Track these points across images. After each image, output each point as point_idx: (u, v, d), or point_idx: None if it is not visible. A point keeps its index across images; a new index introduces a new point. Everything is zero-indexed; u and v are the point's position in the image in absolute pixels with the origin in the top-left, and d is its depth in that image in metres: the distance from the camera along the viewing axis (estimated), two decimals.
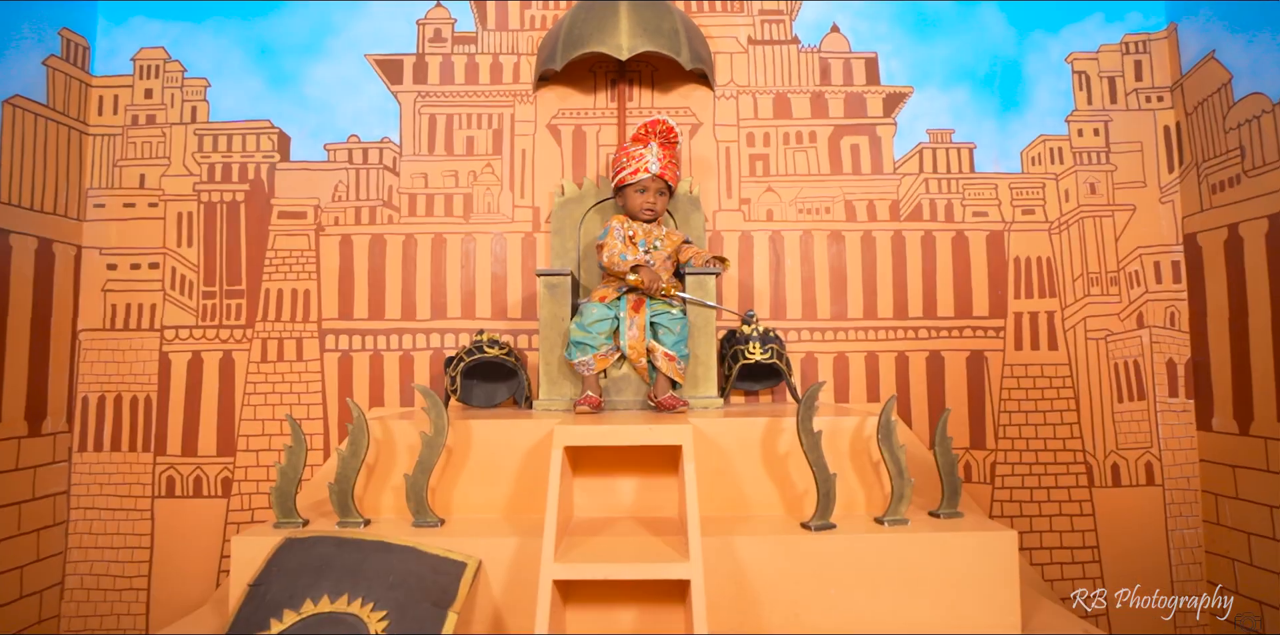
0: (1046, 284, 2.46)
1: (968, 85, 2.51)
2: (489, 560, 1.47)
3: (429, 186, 2.48)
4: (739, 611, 1.45)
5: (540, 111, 2.50)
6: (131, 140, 2.50)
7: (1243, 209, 2.20)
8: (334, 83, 2.51)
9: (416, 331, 2.44)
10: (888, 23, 2.53)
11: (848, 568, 1.48)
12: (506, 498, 1.69)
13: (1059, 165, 2.48)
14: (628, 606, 1.46)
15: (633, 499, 1.68)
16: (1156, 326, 2.44)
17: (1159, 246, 2.46)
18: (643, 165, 2.02)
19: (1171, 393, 2.42)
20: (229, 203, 2.48)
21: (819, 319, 2.44)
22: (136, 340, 2.45)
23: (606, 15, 2.26)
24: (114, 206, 2.48)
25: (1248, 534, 2.19)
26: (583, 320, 1.93)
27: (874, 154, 2.49)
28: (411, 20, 2.54)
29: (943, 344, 2.44)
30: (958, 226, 2.47)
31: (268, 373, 2.44)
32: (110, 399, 2.43)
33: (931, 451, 1.68)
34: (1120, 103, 2.50)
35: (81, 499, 2.40)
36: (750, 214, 2.47)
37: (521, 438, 1.71)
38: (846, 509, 1.67)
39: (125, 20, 2.53)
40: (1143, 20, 2.53)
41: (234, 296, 2.46)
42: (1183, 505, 2.39)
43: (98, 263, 2.46)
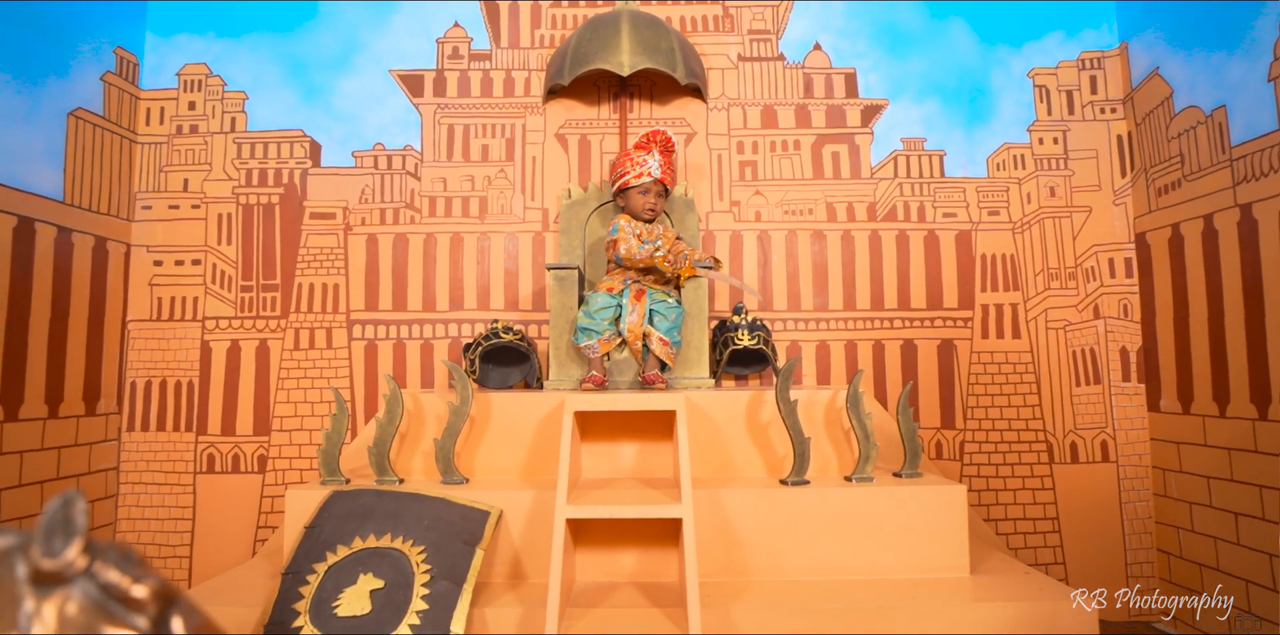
0: (1010, 279, 2.70)
1: (938, 98, 2.75)
2: (509, 510, 1.70)
3: (448, 190, 2.72)
4: (724, 555, 1.68)
5: (549, 122, 2.74)
6: (176, 148, 2.74)
7: (1183, 210, 2.44)
8: (361, 95, 2.76)
9: (436, 322, 2.68)
10: (866, 41, 2.78)
11: (819, 517, 1.71)
12: (522, 461, 1.92)
13: (1021, 171, 2.73)
14: (629, 550, 1.69)
15: (633, 463, 1.91)
16: (1111, 317, 2.67)
17: (1112, 244, 2.69)
18: (646, 170, 2.26)
19: (1124, 377, 2.65)
20: (265, 205, 2.73)
21: (803, 310, 2.68)
22: (180, 330, 2.69)
23: (609, 35, 2.51)
24: (160, 208, 2.72)
25: (1190, 503, 2.42)
26: (589, 308, 2.17)
27: (853, 160, 2.73)
28: (432, 39, 2.79)
29: (916, 333, 2.68)
30: (929, 226, 2.71)
31: (300, 359, 2.67)
32: (156, 383, 2.66)
33: (896, 421, 1.91)
34: (1077, 114, 2.74)
35: (130, 475, 2.63)
36: (740, 215, 2.71)
37: (535, 409, 1.95)
38: (820, 470, 1.90)
39: (171, 39, 2.78)
40: (1097, 38, 2.78)
41: (269, 290, 2.70)
42: (1135, 480, 2.62)
43: (145, 259, 2.70)
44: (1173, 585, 2.50)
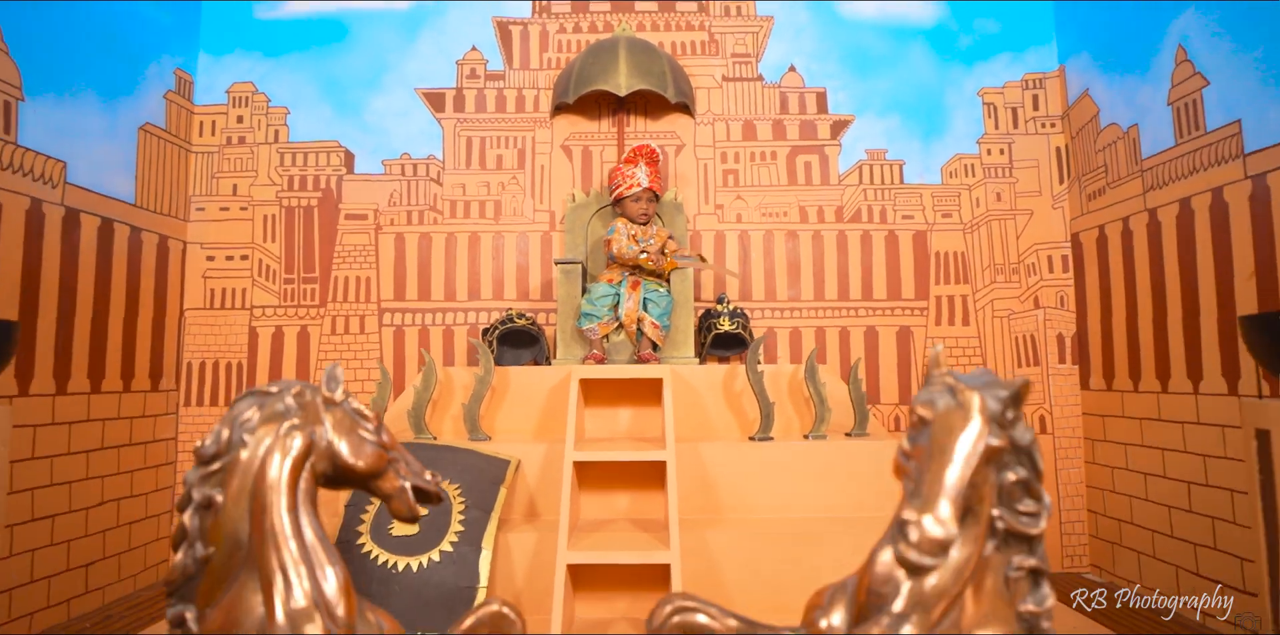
0: (961, 273, 3.07)
1: (899, 114, 3.12)
2: (525, 460, 2.07)
3: (466, 195, 3.09)
4: (702, 496, 2.05)
5: (555, 135, 3.11)
6: (226, 157, 3.11)
7: (1105, 214, 2.82)
8: (389, 111, 3.13)
9: (456, 310, 3.04)
10: (836, 64, 3.15)
11: (780, 467, 2.08)
12: (535, 423, 2.29)
13: (971, 178, 3.10)
14: (624, 491, 2.06)
15: (628, 424, 2.28)
16: (1049, 307, 3.04)
17: (1051, 243, 3.06)
18: (635, 181, 2.62)
19: (1060, 360, 3.02)
20: (305, 207, 3.09)
21: (778, 300, 3.05)
22: (230, 317, 3.05)
23: (608, 60, 2.88)
24: (212, 210, 3.09)
25: (1111, 468, 2.79)
26: (591, 296, 2.53)
27: (823, 169, 3.10)
28: (452, 61, 3.16)
29: (877, 320, 3.05)
30: (890, 227, 3.08)
31: (336, 343, 3.04)
32: (209, 364, 3.03)
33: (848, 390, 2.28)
34: (1021, 128, 3.12)
35: (186, 444, 3.00)
36: (723, 217, 3.08)
37: (545, 380, 2.32)
38: (784, 430, 2.27)
39: (221, 60, 3.15)
40: (1039, 61, 3.15)
41: (309, 282, 3.07)
42: (1069, 449, 2.99)
43: (199, 255, 3.07)
44: (1098, 539, 2.87)
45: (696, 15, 3.18)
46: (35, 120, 2.33)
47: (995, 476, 0.78)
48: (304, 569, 0.79)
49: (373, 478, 0.89)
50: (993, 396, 0.77)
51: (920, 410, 0.78)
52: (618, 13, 3.18)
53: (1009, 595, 0.77)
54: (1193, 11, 2.39)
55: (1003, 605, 0.76)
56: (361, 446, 0.88)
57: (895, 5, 3.16)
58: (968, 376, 0.80)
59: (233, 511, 0.81)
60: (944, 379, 0.77)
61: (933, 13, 3.16)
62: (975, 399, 0.76)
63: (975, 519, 0.75)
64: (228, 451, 0.85)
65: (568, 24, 3.18)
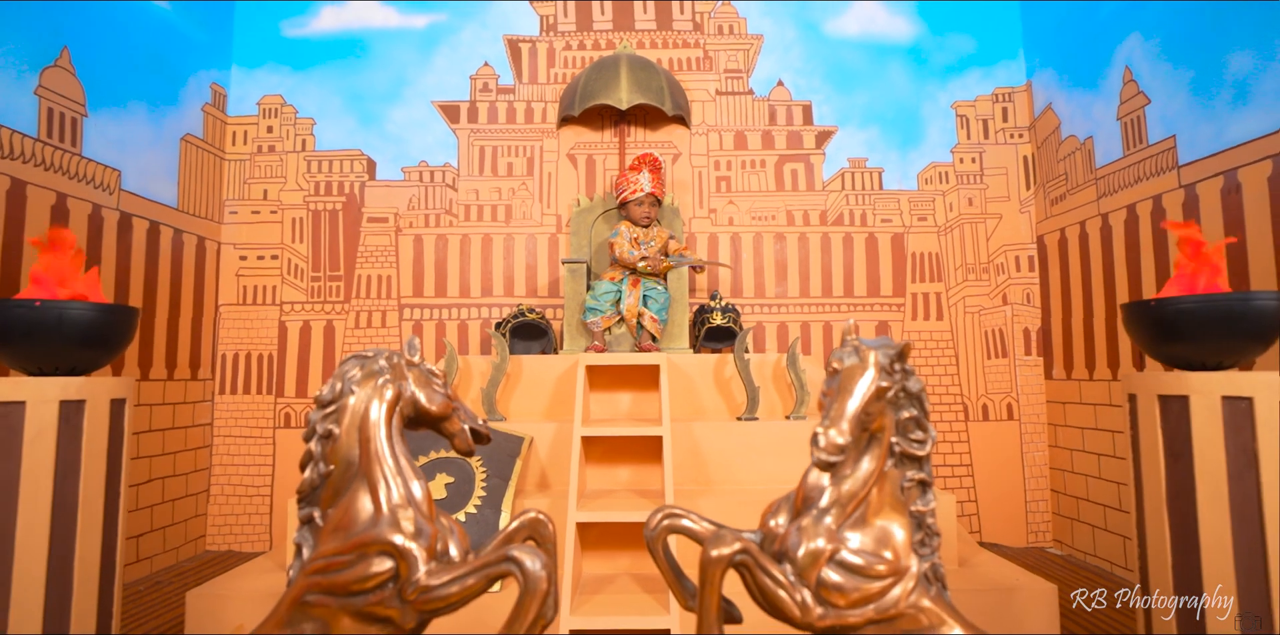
0: (935, 272, 3.33)
1: (878, 125, 3.39)
2: (537, 438, 2.33)
3: (479, 199, 3.35)
4: (694, 469, 2.31)
5: (562, 144, 3.37)
6: (257, 164, 3.37)
7: (1065, 218, 3.08)
8: (408, 122, 3.39)
9: (470, 305, 3.30)
10: (820, 79, 3.41)
11: (764, 443, 2.34)
12: (545, 406, 2.55)
13: (945, 185, 3.36)
14: (625, 465, 2.31)
15: (628, 407, 2.54)
16: (1016, 304, 3.30)
17: (1018, 245, 3.33)
18: (639, 186, 2.88)
19: (1026, 352, 3.28)
20: (330, 211, 3.35)
21: (767, 297, 3.31)
22: (261, 312, 3.31)
23: (610, 76, 3.13)
24: (244, 213, 3.35)
25: (1071, 450, 3.06)
26: (595, 292, 2.79)
27: (808, 176, 3.36)
28: (466, 76, 3.41)
29: (858, 316, 3.31)
30: (870, 230, 3.34)
31: (359, 336, 3.30)
32: (243, 355, 3.29)
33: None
34: (991, 139, 3.38)
35: (221, 428, 3.26)
36: (716, 220, 3.34)
37: (554, 368, 2.57)
38: (768, 411, 2.53)
39: (252, 74, 3.40)
40: (1009, 75, 3.41)
41: (334, 280, 3.32)
42: (1033, 434, 3.25)
43: (232, 255, 3.32)
44: (1060, 516, 3.13)
45: (692, 34, 3.44)
46: (96, 133, 2.59)
47: (893, 413, 1.04)
48: (399, 480, 1.05)
49: (441, 420, 1.15)
50: (883, 353, 1.04)
51: (834, 363, 1.05)
52: (619, 31, 3.45)
53: (904, 499, 1.04)
54: (1137, 36, 2.65)
55: (899, 505, 1.04)
56: (434, 396, 1.14)
57: (875, 24, 3.42)
58: (869, 341, 1.07)
59: (345, 441, 1.07)
60: (852, 343, 1.03)
61: (910, 31, 3.42)
62: (871, 355, 1.02)
63: (878, 443, 1.03)
64: (339, 398, 1.10)
65: (573, 41, 3.44)
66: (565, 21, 3.44)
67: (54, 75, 2.41)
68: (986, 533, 3.20)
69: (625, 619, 1.78)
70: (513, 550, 1.02)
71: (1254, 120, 2.14)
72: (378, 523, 1.02)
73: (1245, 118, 2.17)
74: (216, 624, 1.90)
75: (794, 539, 1.04)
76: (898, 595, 0.99)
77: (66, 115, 2.46)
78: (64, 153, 2.45)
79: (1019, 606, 1.92)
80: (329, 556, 1.01)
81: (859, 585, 0.99)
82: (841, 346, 1.05)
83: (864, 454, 1.05)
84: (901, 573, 1.00)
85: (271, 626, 1.03)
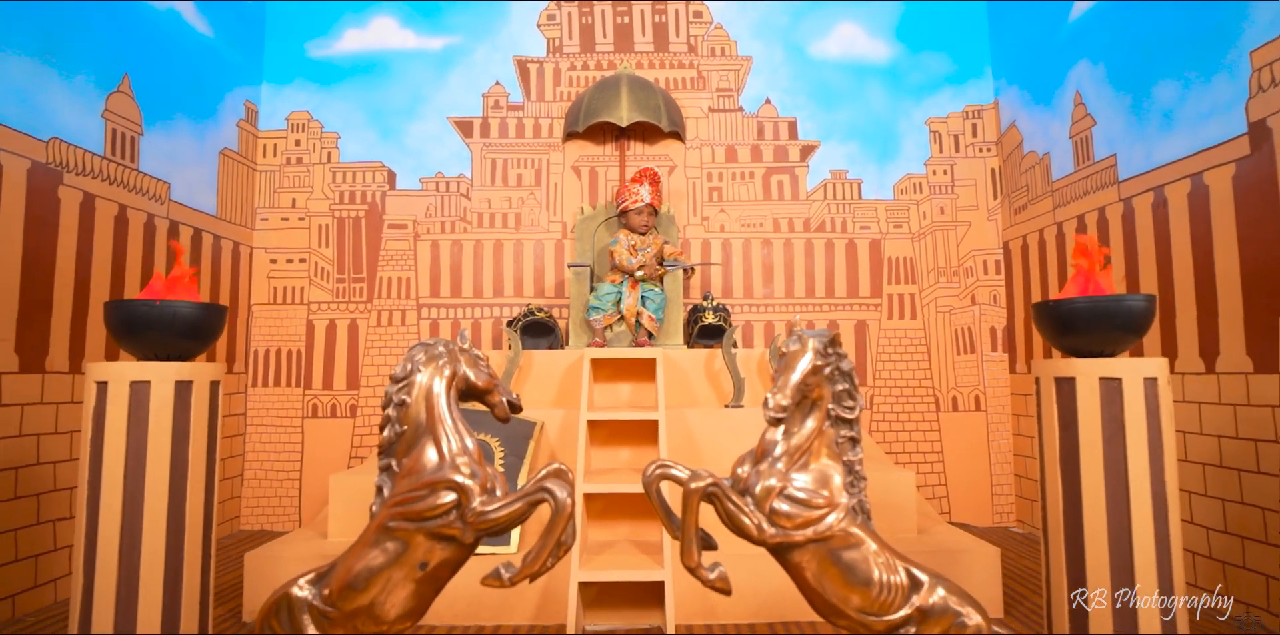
0: (909, 275, 3.62)
1: (858, 140, 3.68)
2: (547, 423, 2.62)
3: (491, 208, 3.64)
4: (687, 449, 2.60)
5: (567, 157, 3.67)
6: (286, 175, 3.66)
7: (1026, 226, 3.38)
8: (425, 136, 3.68)
9: (483, 305, 3.60)
10: (805, 97, 3.71)
11: (749, 427, 2.60)
12: (553, 395, 2.85)
13: (919, 195, 3.65)
14: (625, 447, 2.61)
15: (628, 396, 2.84)
16: (984, 304, 3.60)
17: (986, 250, 3.62)
18: (639, 197, 3.17)
19: (993, 348, 3.58)
20: (353, 218, 3.64)
21: (755, 298, 3.61)
22: (290, 311, 3.60)
23: (612, 95, 3.43)
24: (274, 220, 3.64)
25: (1031, 438, 3.35)
26: (598, 293, 3.08)
27: (793, 187, 3.66)
28: (478, 93, 3.71)
29: (839, 315, 3.60)
30: (849, 236, 3.64)
31: (381, 333, 3.59)
32: (273, 351, 3.58)
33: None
34: (961, 152, 3.68)
35: (253, 418, 3.55)
36: (709, 228, 3.64)
37: (561, 361, 2.87)
38: (753, 400, 2.82)
39: (281, 91, 3.70)
40: (978, 93, 3.71)
41: (357, 282, 3.61)
42: (999, 424, 3.54)
43: (263, 258, 3.61)
44: (1022, 498, 3.43)
45: (687, 55, 3.74)
46: (150, 149, 2.88)
47: (829, 385, 1.34)
48: (456, 436, 1.35)
49: (486, 393, 1.45)
50: (819, 340, 1.34)
51: (782, 348, 1.36)
52: (620, 53, 3.74)
53: (839, 451, 1.35)
54: (1086, 62, 2.95)
55: (835, 456, 1.35)
56: (481, 374, 1.43)
57: (856, 46, 3.72)
58: (810, 331, 1.37)
59: (415, 407, 1.37)
60: (798, 332, 1.33)
61: (888, 52, 3.72)
62: (811, 341, 1.33)
63: (818, 409, 1.33)
64: (409, 375, 1.39)
65: (577, 62, 3.73)
66: (570, 44, 3.74)
67: (117, 100, 2.70)
68: (956, 514, 3.50)
69: (626, 573, 2.07)
70: (547, 483, 1.33)
71: (1177, 143, 2.44)
72: (442, 467, 1.32)
73: (1170, 141, 2.47)
74: (270, 579, 2.19)
75: (754, 479, 1.35)
76: (831, 522, 1.30)
77: (127, 135, 2.75)
78: (125, 168, 2.74)
79: (965, 566, 2.22)
80: (405, 493, 1.31)
81: (802, 513, 1.30)
82: (790, 335, 1.35)
83: (807, 416, 1.35)
84: (835, 505, 1.31)
85: (361, 546, 1.33)
